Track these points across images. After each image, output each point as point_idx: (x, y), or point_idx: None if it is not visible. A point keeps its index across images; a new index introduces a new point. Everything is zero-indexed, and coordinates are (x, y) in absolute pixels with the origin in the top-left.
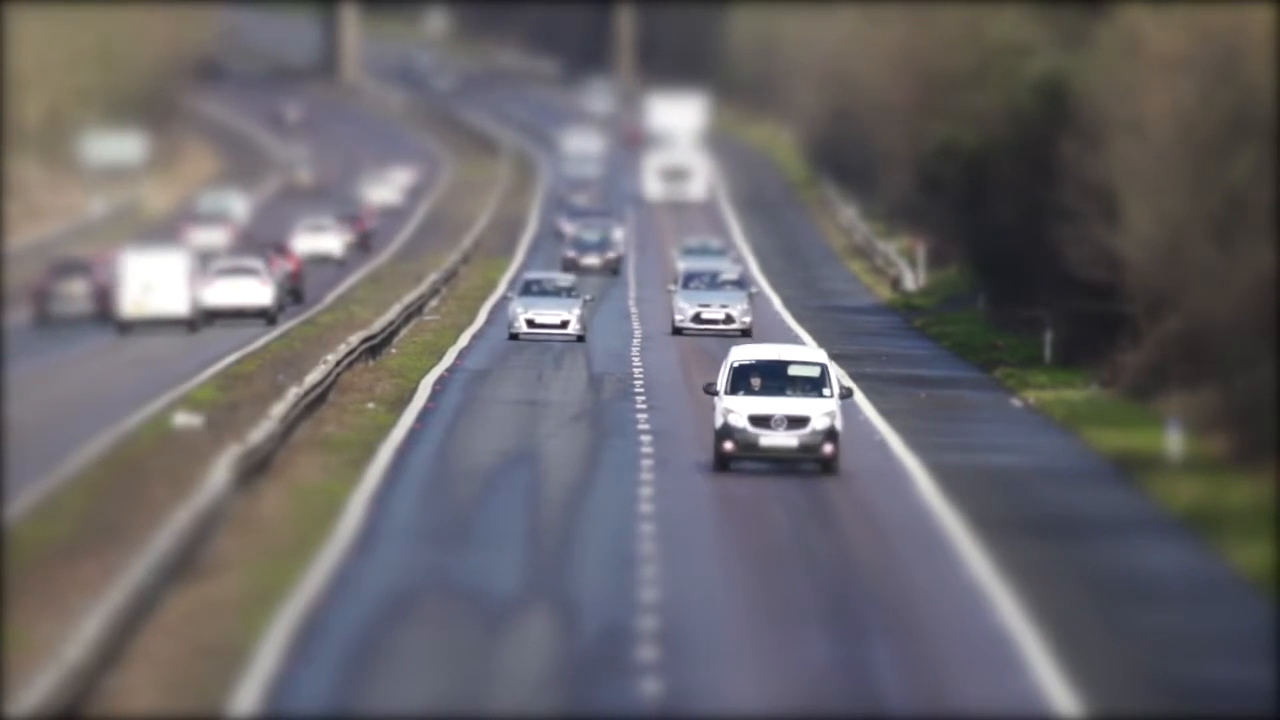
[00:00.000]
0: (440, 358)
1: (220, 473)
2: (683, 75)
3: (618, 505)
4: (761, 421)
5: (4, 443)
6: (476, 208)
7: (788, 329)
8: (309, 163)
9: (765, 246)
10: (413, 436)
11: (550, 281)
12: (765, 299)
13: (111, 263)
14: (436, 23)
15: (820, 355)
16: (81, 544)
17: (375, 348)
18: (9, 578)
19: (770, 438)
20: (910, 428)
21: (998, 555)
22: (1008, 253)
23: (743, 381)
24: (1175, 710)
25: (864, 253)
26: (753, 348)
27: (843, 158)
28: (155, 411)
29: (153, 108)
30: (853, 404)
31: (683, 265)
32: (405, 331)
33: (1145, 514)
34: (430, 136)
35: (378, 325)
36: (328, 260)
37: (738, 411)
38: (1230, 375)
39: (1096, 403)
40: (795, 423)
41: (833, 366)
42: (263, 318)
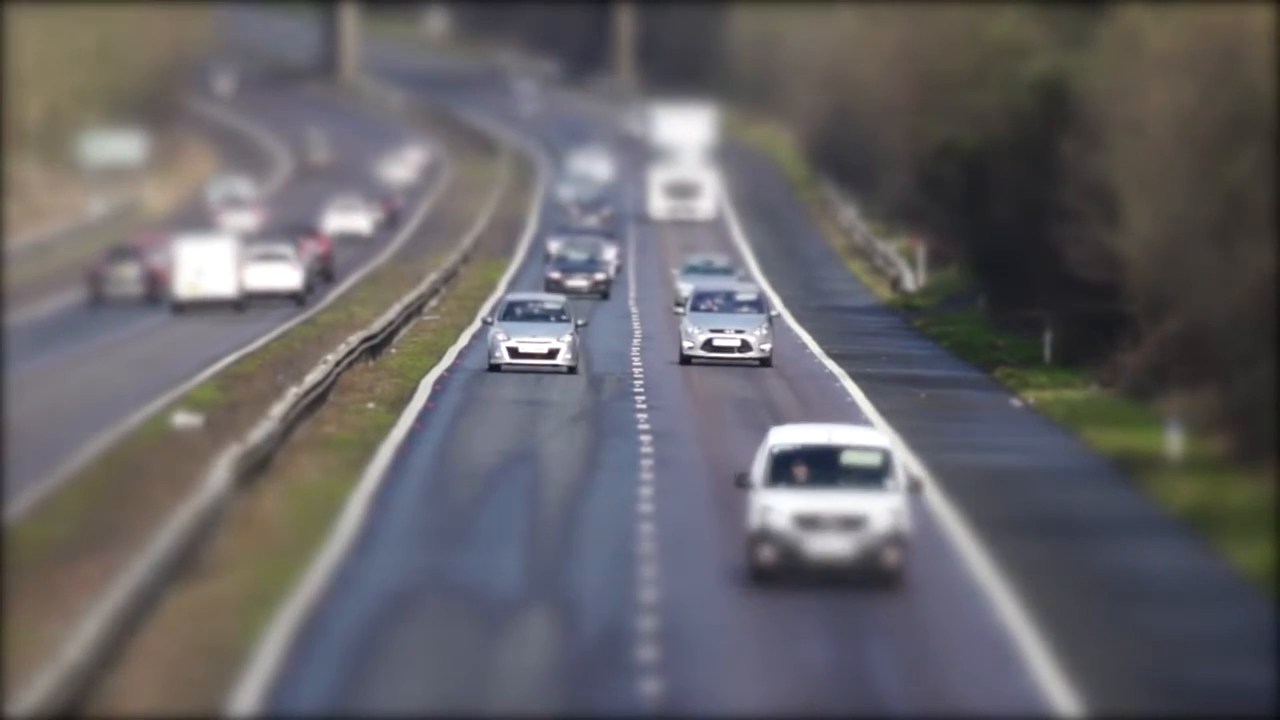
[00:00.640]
0: (440, 358)
1: (220, 473)
2: (682, 76)
3: (618, 505)
4: (809, 523)
5: (4, 443)
6: (476, 207)
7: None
8: (323, 142)
9: (765, 247)
10: (413, 436)
11: (537, 304)
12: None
13: (164, 249)
14: (436, 23)
15: (882, 439)
16: (81, 544)
17: (375, 348)
18: (9, 578)
19: (819, 541)
20: (910, 428)
21: (997, 555)
22: (1007, 253)
23: (784, 471)
24: (1175, 710)
25: (864, 253)
26: (797, 429)
27: (843, 158)
28: (155, 411)
29: (152, 108)
30: (853, 405)
31: (683, 285)
32: (405, 331)
33: (1145, 514)
34: (430, 137)
35: (378, 325)
36: (357, 238)
37: (778, 509)
38: (1230, 375)
39: (1096, 403)
40: (850, 524)
41: (897, 452)
42: (293, 300)
